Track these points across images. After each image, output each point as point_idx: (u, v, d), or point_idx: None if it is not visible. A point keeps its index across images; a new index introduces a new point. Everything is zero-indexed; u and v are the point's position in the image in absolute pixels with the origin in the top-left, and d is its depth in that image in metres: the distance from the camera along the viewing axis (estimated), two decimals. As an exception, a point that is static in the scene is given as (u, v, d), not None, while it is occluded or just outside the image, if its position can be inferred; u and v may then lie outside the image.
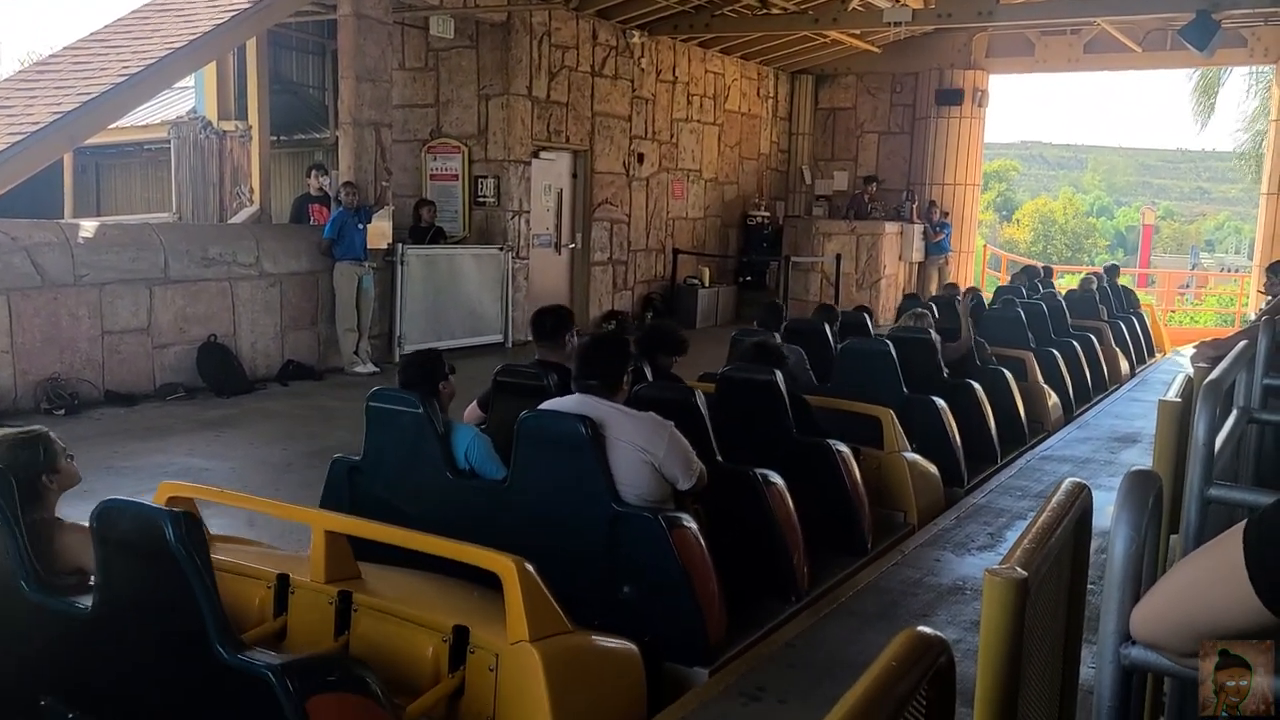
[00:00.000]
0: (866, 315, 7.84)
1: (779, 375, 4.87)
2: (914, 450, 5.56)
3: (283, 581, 3.17)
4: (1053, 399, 8.18)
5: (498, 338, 11.17)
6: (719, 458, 4.07)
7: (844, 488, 4.77)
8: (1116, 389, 9.89)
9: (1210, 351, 3.52)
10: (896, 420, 5.50)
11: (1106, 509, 1.76)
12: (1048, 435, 7.66)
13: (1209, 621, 1.08)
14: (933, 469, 5.63)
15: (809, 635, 3.88)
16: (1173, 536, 2.18)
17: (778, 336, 6.22)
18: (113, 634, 2.46)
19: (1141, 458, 6.63)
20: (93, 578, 2.53)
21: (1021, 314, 8.93)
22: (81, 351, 7.55)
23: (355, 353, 9.31)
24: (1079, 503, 1.45)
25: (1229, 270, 30.70)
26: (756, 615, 4.01)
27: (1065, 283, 16.79)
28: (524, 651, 2.82)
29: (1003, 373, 7.39)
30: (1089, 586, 1.69)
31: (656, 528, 3.52)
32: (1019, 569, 1.15)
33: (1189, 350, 8.48)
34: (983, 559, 4.75)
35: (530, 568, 2.89)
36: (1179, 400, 2.48)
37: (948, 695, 1.11)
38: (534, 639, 2.83)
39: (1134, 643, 1.19)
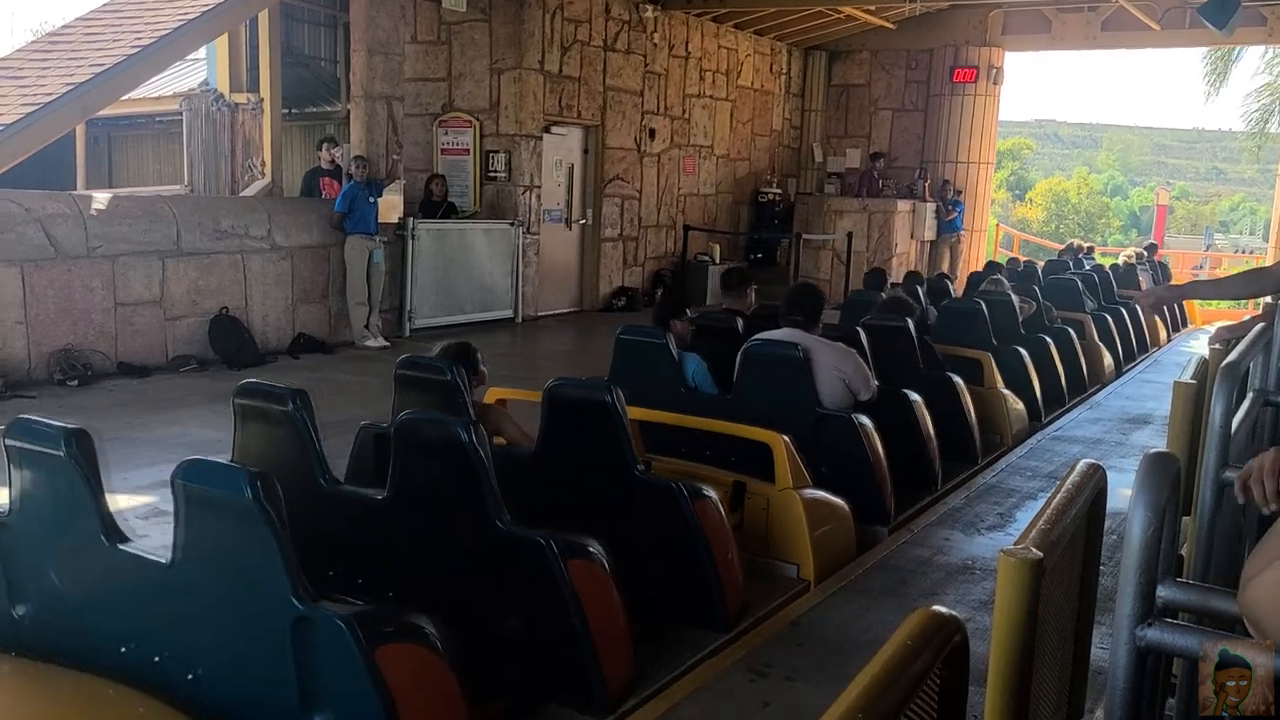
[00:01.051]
0: (948, 281, 9.33)
1: (910, 322, 6.17)
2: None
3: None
4: (1107, 357, 9.29)
5: (508, 313, 11.17)
6: (875, 382, 5.25)
7: (962, 411, 6.12)
8: (1157, 350, 11.23)
9: (1226, 334, 3.50)
10: (994, 362, 6.84)
11: (1118, 490, 1.76)
12: (1103, 386, 8.81)
13: None
14: (1020, 404, 7.00)
15: (817, 613, 3.90)
16: (1184, 518, 2.17)
17: (883, 295, 7.39)
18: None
19: (1153, 439, 6.62)
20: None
21: (1078, 282, 10.18)
22: (94, 323, 7.58)
23: (366, 327, 9.32)
24: (1093, 484, 1.45)
25: (1243, 252, 30.43)
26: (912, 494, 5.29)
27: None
28: (788, 495, 4.26)
29: (1067, 331, 8.51)
30: (1101, 569, 1.69)
31: (852, 426, 4.81)
32: (1034, 549, 1.15)
33: (1210, 330, 9.10)
34: (992, 539, 4.76)
35: (787, 439, 4.32)
36: (1194, 382, 2.47)
37: (961, 674, 1.11)
38: (794, 488, 4.24)
39: (1150, 624, 1.19)
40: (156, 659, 2.58)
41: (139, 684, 2.55)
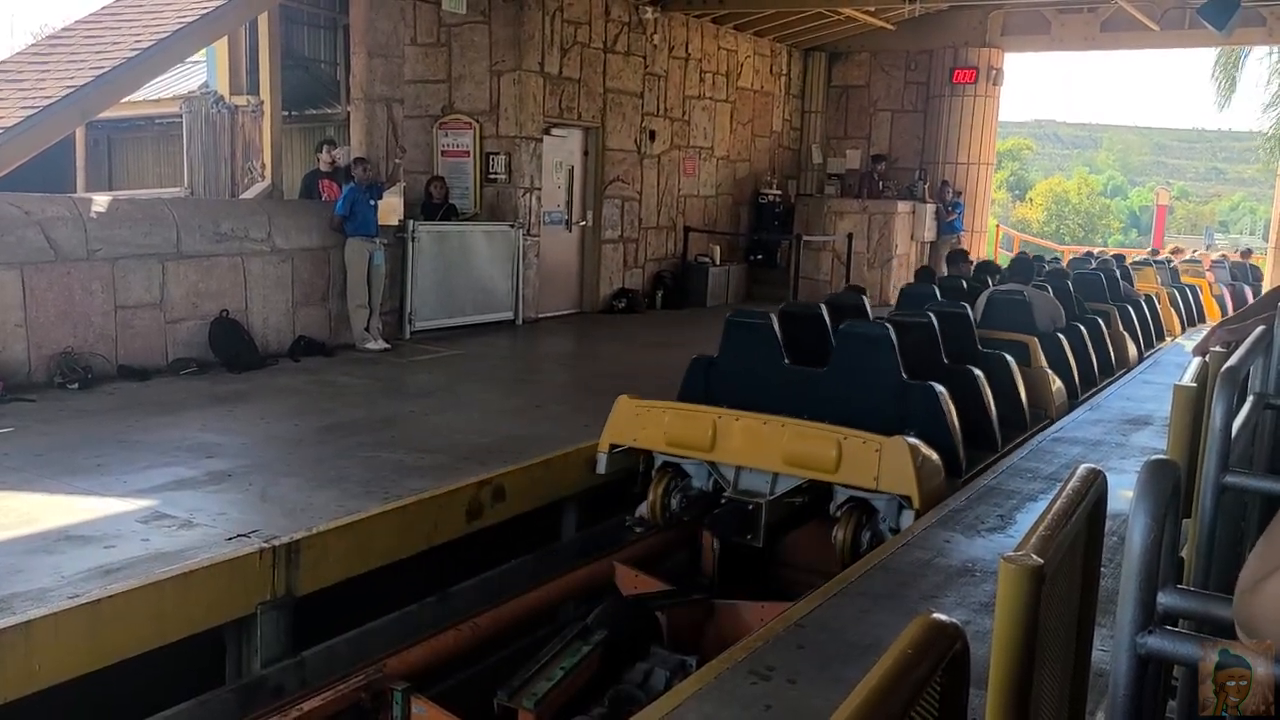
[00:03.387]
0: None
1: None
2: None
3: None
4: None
5: (508, 314, 11.17)
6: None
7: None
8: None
9: (1226, 335, 3.50)
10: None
11: (1119, 492, 1.76)
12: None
13: None
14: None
15: (818, 615, 3.90)
16: (1185, 521, 2.17)
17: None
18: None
19: (1153, 440, 6.61)
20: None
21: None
22: (95, 326, 7.58)
23: (366, 329, 9.33)
24: (1094, 489, 1.45)
25: (1238, 251, 30.37)
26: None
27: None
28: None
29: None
30: (1101, 570, 1.69)
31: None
32: (1034, 556, 1.14)
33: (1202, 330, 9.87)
34: (993, 541, 4.75)
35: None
36: (1194, 385, 2.47)
37: (961, 681, 1.11)
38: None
39: (1151, 631, 1.19)
40: (806, 417, 5.64)
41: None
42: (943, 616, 1.09)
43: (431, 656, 4.54)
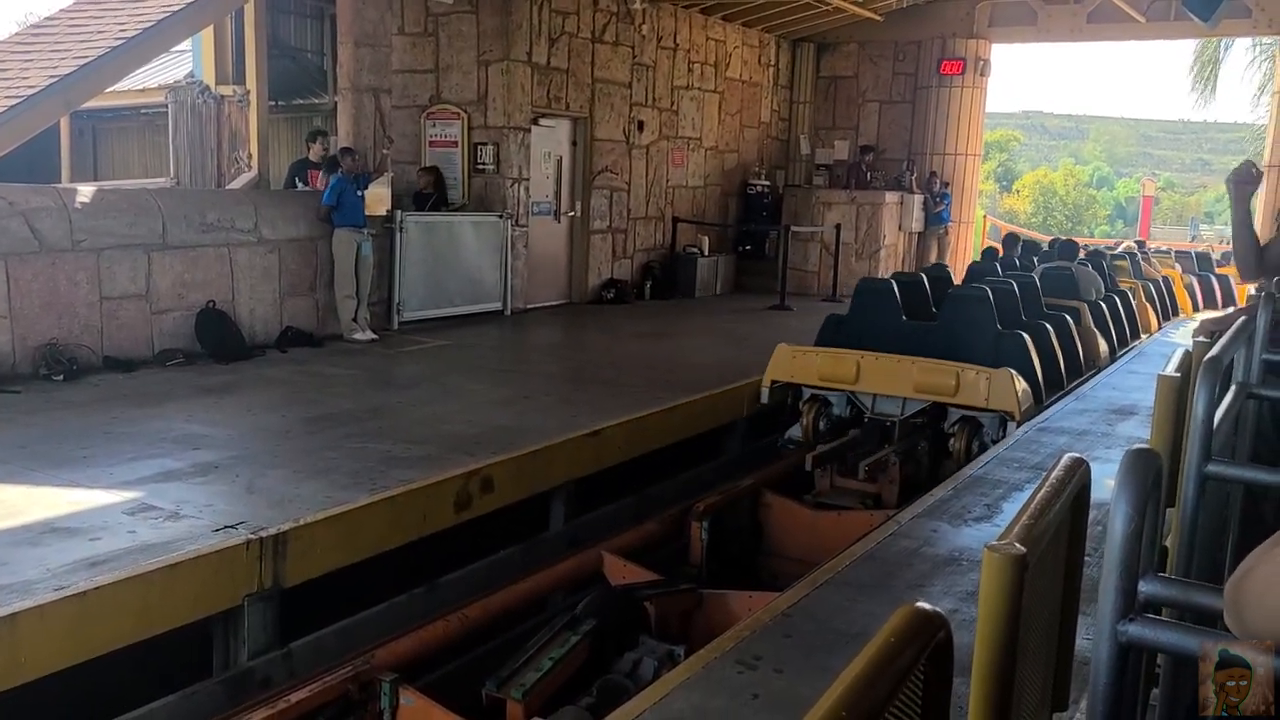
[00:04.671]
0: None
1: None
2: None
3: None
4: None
5: (497, 305, 11.16)
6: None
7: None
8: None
9: (1211, 326, 3.52)
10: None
11: (1104, 481, 1.77)
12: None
13: (1266, 632, 1.08)
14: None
15: (806, 604, 3.91)
16: (1169, 510, 2.19)
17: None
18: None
19: (1138, 430, 6.65)
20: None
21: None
22: (80, 317, 7.54)
23: (354, 320, 9.30)
24: (1077, 478, 1.46)
25: (1229, 242, 30.56)
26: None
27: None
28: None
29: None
30: (1085, 559, 1.71)
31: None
32: (1018, 545, 1.15)
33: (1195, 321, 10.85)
34: (979, 530, 4.78)
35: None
36: (1178, 375, 2.49)
37: (945, 669, 1.12)
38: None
39: (1132, 619, 1.20)
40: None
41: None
42: (926, 606, 1.09)
43: (420, 647, 4.54)
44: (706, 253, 14.57)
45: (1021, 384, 7.19)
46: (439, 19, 11.31)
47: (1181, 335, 11.07)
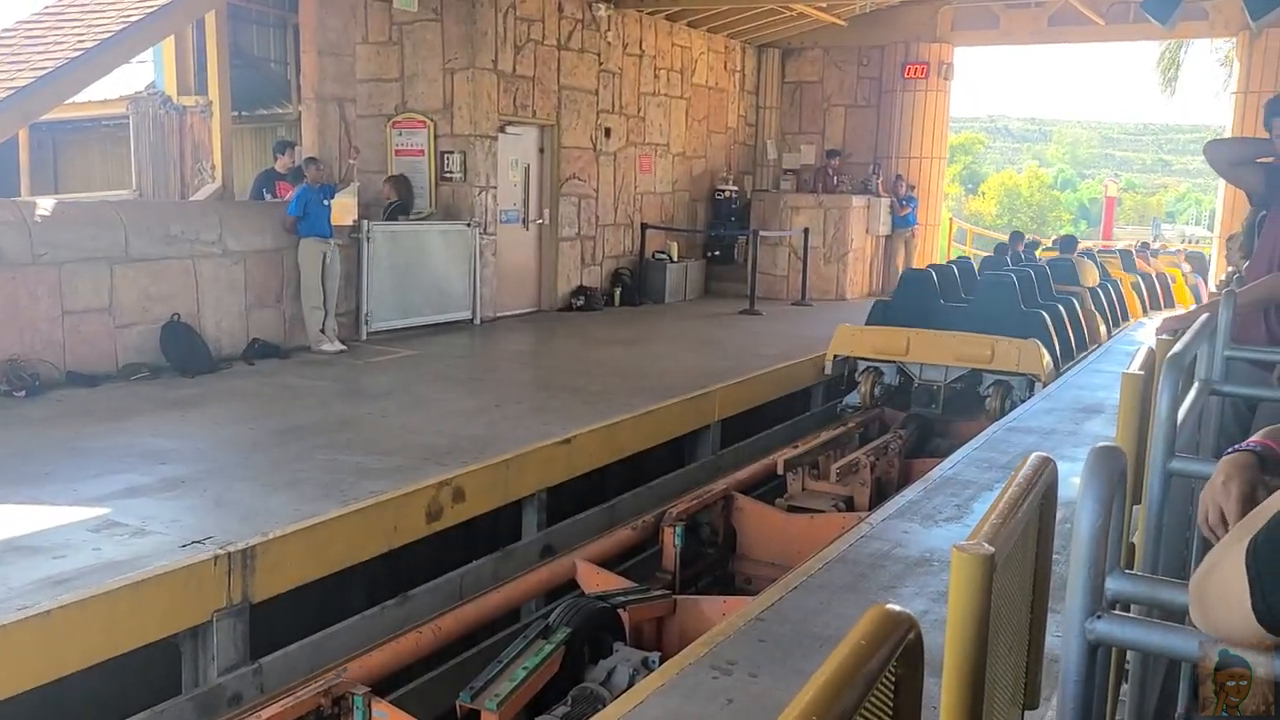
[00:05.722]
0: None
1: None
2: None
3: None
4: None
5: (466, 314, 11.11)
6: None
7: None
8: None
9: (1174, 324, 3.56)
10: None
11: (1071, 479, 1.78)
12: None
13: (1225, 632, 1.10)
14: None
15: (779, 608, 3.92)
16: (1135, 507, 2.21)
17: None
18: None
19: (1105, 428, 6.72)
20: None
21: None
22: (41, 332, 7.43)
23: (321, 330, 9.22)
24: (1044, 477, 1.47)
25: (1189, 240, 31.04)
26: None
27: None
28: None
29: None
30: (1054, 556, 1.72)
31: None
32: (986, 544, 1.15)
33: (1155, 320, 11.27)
34: (949, 530, 4.81)
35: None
36: (1141, 373, 2.51)
37: (916, 670, 1.12)
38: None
39: (1099, 616, 1.21)
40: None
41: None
42: (895, 607, 1.09)
43: (393, 660, 4.50)
44: (676, 258, 14.59)
45: (1044, 353, 8.91)
46: (403, 27, 11.26)
47: (1144, 334, 11.35)
